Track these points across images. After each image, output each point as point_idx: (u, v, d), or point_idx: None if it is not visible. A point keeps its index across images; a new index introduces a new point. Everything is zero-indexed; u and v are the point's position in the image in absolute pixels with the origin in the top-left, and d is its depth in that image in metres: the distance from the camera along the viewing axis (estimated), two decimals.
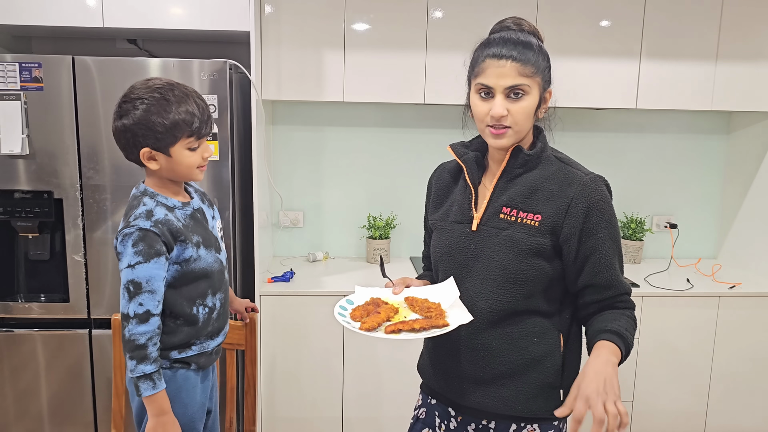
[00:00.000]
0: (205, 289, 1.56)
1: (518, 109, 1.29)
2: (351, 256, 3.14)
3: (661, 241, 3.21)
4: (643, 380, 2.72)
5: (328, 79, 2.63)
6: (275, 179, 3.02)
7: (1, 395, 2.47)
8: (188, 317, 1.53)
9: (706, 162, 3.18)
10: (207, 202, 1.66)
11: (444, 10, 2.61)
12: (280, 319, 2.58)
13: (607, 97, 2.74)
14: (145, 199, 1.49)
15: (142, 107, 1.41)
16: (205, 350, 1.60)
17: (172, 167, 1.48)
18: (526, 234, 1.31)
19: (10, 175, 2.32)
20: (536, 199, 1.33)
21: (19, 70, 2.25)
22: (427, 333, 1.25)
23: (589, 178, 1.32)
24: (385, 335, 1.24)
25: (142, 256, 1.42)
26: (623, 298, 1.35)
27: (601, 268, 1.31)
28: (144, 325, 1.43)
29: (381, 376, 2.64)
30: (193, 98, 1.46)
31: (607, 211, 1.32)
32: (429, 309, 1.32)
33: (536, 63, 1.29)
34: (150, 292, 1.43)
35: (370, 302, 1.37)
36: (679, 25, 2.69)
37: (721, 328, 2.70)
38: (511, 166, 1.36)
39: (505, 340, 1.35)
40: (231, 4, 2.39)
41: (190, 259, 1.50)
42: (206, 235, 1.56)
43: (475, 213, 1.39)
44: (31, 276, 2.46)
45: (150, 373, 1.44)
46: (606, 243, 1.31)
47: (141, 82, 1.46)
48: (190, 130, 1.45)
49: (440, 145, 3.05)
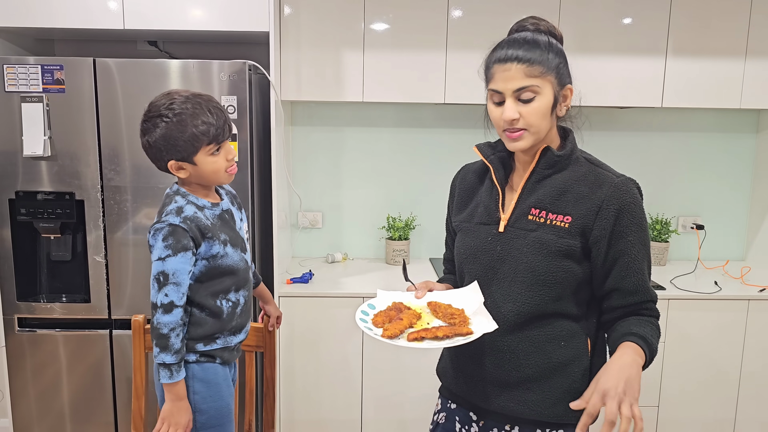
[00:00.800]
0: (230, 285, 1.64)
1: (530, 110, 1.26)
2: (370, 257, 3.12)
3: (688, 243, 3.14)
4: (670, 386, 2.66)
5: (347, 79, 2.62)
6: (294, 180, 3.01)
7: (24, 394, 2.50)
8: (213, 309, 1.62)
9: (734, 161, 3.11)
10: (236, 204, 1.76)
11: (464, 9, 2.58)
12: (299, 320, 2.56)
13: (632, 96, 2.68)
14: (177, 197, 1.58)
15: (162, 125, 1.51)
16: (228, 345, 1.67)
17: (200, 174, 1.57)
18: (555, 235, 1.28)
19: (32, 176, 2.34)
20: (566, 201, 1.30)
21: (41, 72, 2.27)
22: (451, 342, 1.22)
23: (620, 180, 1.29)
24: (407, 343, 1.22)
25: (171, 249, 1.52)
26: (649, 305, 1.31)
27: (629, 272, 1.28)
28: (168, 315, 1.52)
29: (400, 378, 2.61)
30: (208, 107, 1.54)
31: (638, 214, 1.28)
32: (452, 315, 1.30)
33: (545, 61, 1.25)
34: (175, 284, 1.53)
35: (392, 307, 1.35)
36: (707, 21, 2.63)
37: (751, 333, 2.62)
38: (541, 167, 1.33)
39: (531, 343, 1.32)
40: (250, 5, 2.39)
41: (217, 255, 1.59)
42: (233, 234, 1.65)
43: (502, 214, 1.36)
44: (53, 276, 2.48)
45: (170, 364, 1.53)
46: (636, 247, 1.28)
47: (160, 97, 1.55)
48: (209, 138, 1.54)
49: (460, 145, 3.02)
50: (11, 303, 2.43)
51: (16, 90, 2.28)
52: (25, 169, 2.34)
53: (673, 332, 2.61)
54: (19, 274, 2.42)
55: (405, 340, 1.23)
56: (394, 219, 2.98)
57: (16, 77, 2.27)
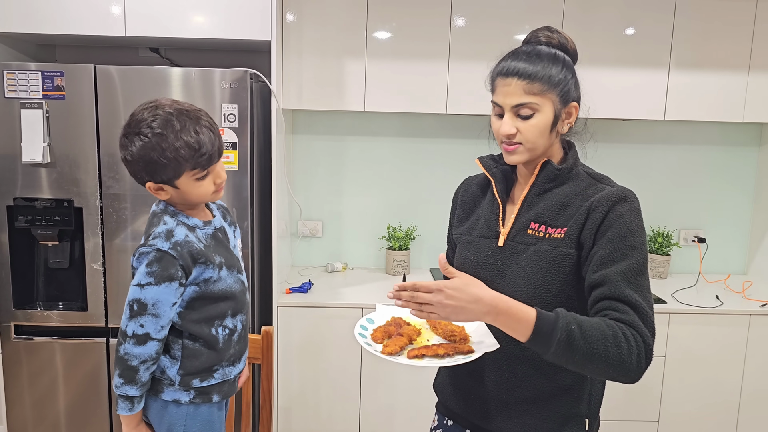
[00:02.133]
0: (225, 310, 1.50)
1: (527, 127, 1.25)
2: (370, 267, 3.10)
3: (689, 256, 3.12)
4: (670, 400, 2.63)
5: (348, 88, 2.61)
6: (295, 189, 2.99)
7: (19, 402, 2.48)
8: (207, 338, 1.47)
9: (736, 175, 3.09)
10: (229, 219, 1.60)
11: (467, 19, 2.58)
12: (297, 330, 2.55)
13: (635, 108, 2.67)
14: (166, 217, 1.42)
15: (139, 143, 1.33)
16: (228, 378, 1.53)
17: (182, 196, 1.42)
18: (551, 246, 1.26)
19: (31, 183, 2.33)
20: (565, 216, 1.28)
21: (41, 78, 2.26)
22: (451, 360, 1.20)
23: (616, 189, 1.26)
24: (407, 361, 1.20)
25: (154, 277, 1.36)
26: (621, 307, 1.14)
27: (601, 266, 1.19)
28: (141, 347, 1.38)
29: (398, 391, 2.59)
30: (195, 127, 1.35)
31: (625, 214, 1.21)
32: (452, 332, 1.28)
33: (546, 78, 1.23)
34: (154, 315, 1.38)
35: (391, 322, 1.33)
36: (710, 35, 2.62)
37: (752, 348, 2.60)
38: (541, 180, 1.31)
39: (531, 365, 1.30)
40: (252, 13, 2.38)
41: (209, 280, 1.44)
42: (228, 255, 1.50)
43: (502, 228, 1.34)
44: (50, 284, 2.46)
45: (132, 397, 1.40)
46: (614, 243, 1.20)
47: (143, 108, 1.36)
48: (193, 163, 1.35)
49: (462, 156, 3.00)
50: (8, 310, 2.41)
51: (16, 96, 2.27)
52: (24, 176, 2.33)
53: (674, 346, 2.59)
54: (16, 282, 2.40)
55: (405, 357, 1.21)
56: (394, 229, 2.97)
57: (16, 83, 2.26)
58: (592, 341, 1.09)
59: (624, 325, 1.13)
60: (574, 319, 1.12)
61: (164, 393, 1.47)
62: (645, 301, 1.16)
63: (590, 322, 1.12)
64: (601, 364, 1.10)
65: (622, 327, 1.12)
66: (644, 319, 1.15)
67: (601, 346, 1.09)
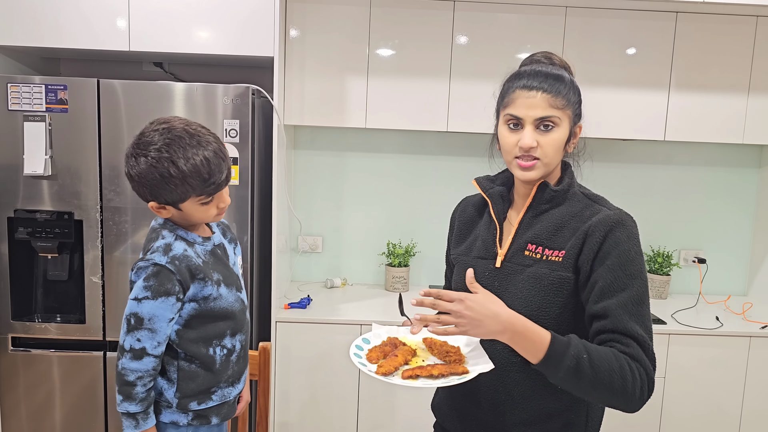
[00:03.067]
0: (225, 330, 1.48)
1: (548, 141, 1.25)
2: (369, 284, 3.10)
3: (689, 277, 3.12)
4: (670, 422, 2.61)
5: (350, 105, 2.62)
6: (295, 204, 3.00)
7: (15, 414, 2.46)
8: (204, 359, 1.45)
9: (736, 196, 3.10)
10: (229, 236, 1.59)
11: (469, 36, 2.60)
12: (296, 346, 2.54)
13: (635, 128, 2.68)
14: (164, 232, 1.42)
15: (145, 165, 1.32)
16: (227, 399, 1.51)
17: (184, 217, 1.42)
18: (549, 269, 1.27)
19: (32, 195, 2.34)
20: (562, 237, 1.28)
21: (45, 91, 2.28)
22: (446, 381, 1.20)
23: (613, 212, 1.27)
24: (402, 381, 1.20)
25: (151, 291, 1.36)
26: (626, 341, 1.16)
27: (602, 297, 1.20)
28: (137, 362, 1.38)
29: (397, 408, 2.57)
30: (205, 151, 1.33)
31: (623, 240, 1.22)
32: (448, 353, 1.28)
33: (567, 96, 1.26)
34: (150, 330, 1.37)
35: (387, 342, 1.33)
36: (710, 57, 2.63)
37: (752, 370, 2.59)
38: (537, 202, 1.32)
39: (528, 387, 1.29)
40: (256, 29, 2.40)
41: (209, 298, 1.43)
42: (227, 272, 1.48)
43: (499, 249, 1.35)
44: (49, 296, 2.46)
45: (134, 413, 1.39)
46: (614, 272, 1.20)
47: (154, 129, 1.34)
48: (200, 190, 1.34)
49: (463, 174, 3.01)
50: (6, 322, 2.41)
51: (20, 109, 2.28)
52: (26, 188, 2.34)
53: (674, 368, 2.57)
54: (14, 293, 2.40)
55: (399, 378, 1.21)
56: (394, 245, 2.97)
57: (20, 96, 2.28)
58: (600, 371, 1.12)
59: (628, 357, 1.15)
60: (585, 347, 1.14)
61: (162, 415, 1.47)
62: (646, 332, 1.19)
63: (600, 352, 1.14)
64: (606, 393, 1.14)
65: (627, 359, 1.15)
66: (646, 351, 1.17)
67: (608, 376, 1.12)
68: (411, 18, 2.58)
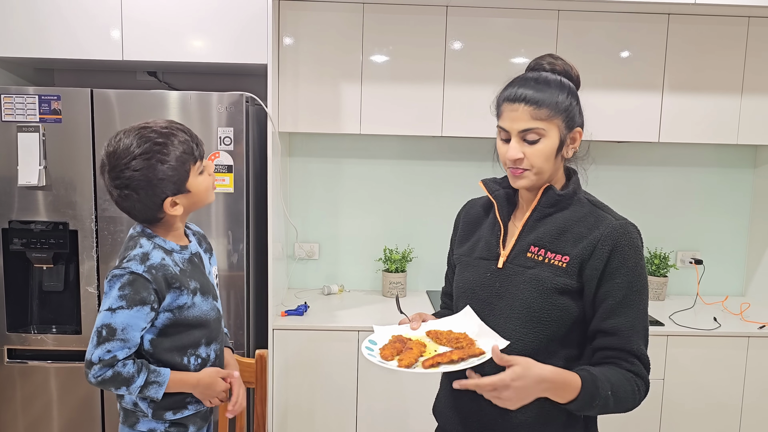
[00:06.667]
0: (199, 339, 1.47)
1: (534, 152, 1.27)
2: (366, 290, 3.09)
3: (686, 278, 3.12)
4: (669, 423, 2.61)
5: (345, 111, 2.63)
6: (291, 211, 3.00)
7: (12, 426, 2.45)
8: (178, 368, 1.43)
9: (731, 196, 3.10)
10: (205, 245, 1.59)
11: (462, 42, 2.60)
12: (293, 353, 2.53)
13: (629, 130, 2.69)
14: (142, 240, 1.41)
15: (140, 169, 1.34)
16: (201, 409, 1.51)
17: (193, 200, 1.44)
18: (552, 273, 1.28)
19: (26, 206, 2.33)
20: (565, 241, 1.30)
21: (38, 102, 2.28)
22: (467, 363, 1.20)
23: (619, 223, 1.29)
24: (424, 370, 1.21)
25: (126, 301, 1.34)
26: (631, 360, 1.25)
27: (611, 314, 1.25)
28: (107, 367, 1.35)
29: (396, 415, 2.56)
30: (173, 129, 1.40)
31: (631, 257, 1.26)
32: (457, 339, 1.28)
33: (553, 104, 1.26)
34: (122, 341, 1.35)
35: (394, 340, 1.33)
36: (703, 58, 2.64)
37: (751, 370, 2.58)
38: (542, 205, 1.33)
39: None
40: (249, 37, 2.41)
41: (183, 307, 1.42)
42: (204, 281, 1.48)
43: (502, 250, 1.36)
44: (45, 307, 2.45)
45: (144, 384, 1.37)
46: (622, 290, 1.25)
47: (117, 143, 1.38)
48: (194, 156, 1.41)
49: (458, 178, 3.01)
50: (1, 334, 2.39)
51: (13, 120, 2.28)
52: (20, 199, 2.33)
53: (672, 369, 2.57)
54: (10, 305, 2.39)
55: (421, 368, 1.22)
56: (391, 251, 2.97)
57: (13, 107, 2.27)
58: (620, 401, 1.23)
59: (633, 375, 1.25)
60: (608, 382, 1.21)
61: (139, 424, 1.47)
62: (646, 343, 1.28)
63: (618, 383, 1.22)
64: (617, 412, 1.25)
65: (634, 378, 1.25)
66: (646, 366, 1.27)
67: (624, 402, 1.24)
68: (404, 24, 2.59)
